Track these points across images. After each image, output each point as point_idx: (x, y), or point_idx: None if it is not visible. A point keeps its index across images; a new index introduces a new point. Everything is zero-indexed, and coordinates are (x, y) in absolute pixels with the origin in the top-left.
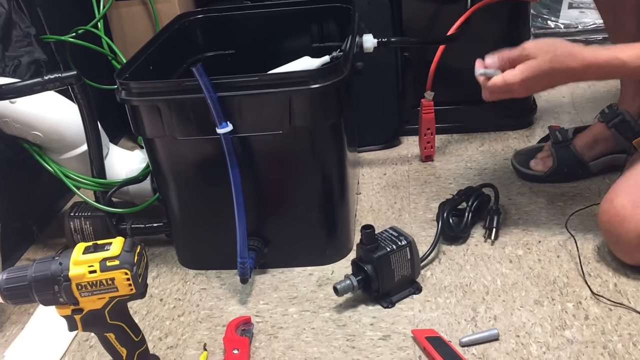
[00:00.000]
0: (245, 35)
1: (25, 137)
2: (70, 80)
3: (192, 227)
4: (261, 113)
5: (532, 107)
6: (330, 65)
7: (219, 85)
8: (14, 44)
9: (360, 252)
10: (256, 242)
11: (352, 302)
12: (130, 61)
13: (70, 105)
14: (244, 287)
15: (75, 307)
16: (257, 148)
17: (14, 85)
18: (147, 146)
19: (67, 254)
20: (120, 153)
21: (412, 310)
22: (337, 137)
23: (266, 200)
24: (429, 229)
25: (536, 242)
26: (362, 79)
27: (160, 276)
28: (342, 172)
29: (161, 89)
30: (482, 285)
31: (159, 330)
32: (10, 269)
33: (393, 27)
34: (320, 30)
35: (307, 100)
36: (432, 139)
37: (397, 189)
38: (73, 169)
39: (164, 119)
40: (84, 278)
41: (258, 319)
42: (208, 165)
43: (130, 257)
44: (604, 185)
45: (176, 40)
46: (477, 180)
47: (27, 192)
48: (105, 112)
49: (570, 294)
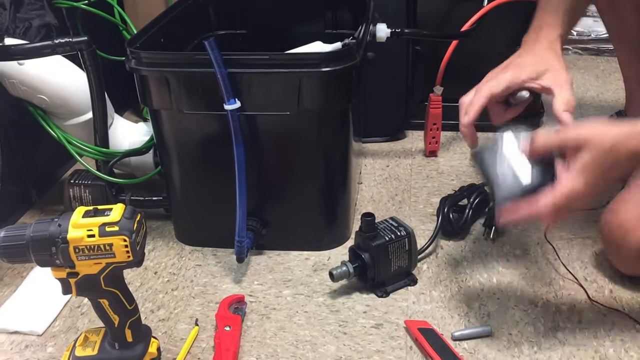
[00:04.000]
0: (258, 16)
1: (31, 100)
2: (80, 45)
3: (191, 203)
4: (270, 92)
5: (539, 110)
6: (343, 50)
7: (229, 62)
8: (26, 6)
9: (358, 240)
10: (255, 223)
11: (346, 289)
12: (142, 31)
13: (78, 71)
14: (239, 267)
15: (71, 271)
16: (263, 128)
17: (24, 46)
18: (152, 118)
19: (66, 217)
20: (125, 124)
21: (406, 302)
22: (344, 123)
23: (268, 181)
24: (428, 223)
25: (534, 243)
26: (372, 70)
27: (156, 250)
28: (345, 158)
29: (171, 60)
30: (477, 282)
31: (152, 303)
32: (9, 227)
33: (407, 20)
34: (334, 16)
35: (317, 83)
36: (437, 134)
37: (398, 181)
38: (76, 136)
39: (172, 91)
40: (82, 242)
41: (251, 298)
42: (212, 142)
43: (130, 224)
44: (606, 194)
45: (189, 15)
46: (480, 178)
47: (28, 156)
48: (112, 83)
49: (565, 297)
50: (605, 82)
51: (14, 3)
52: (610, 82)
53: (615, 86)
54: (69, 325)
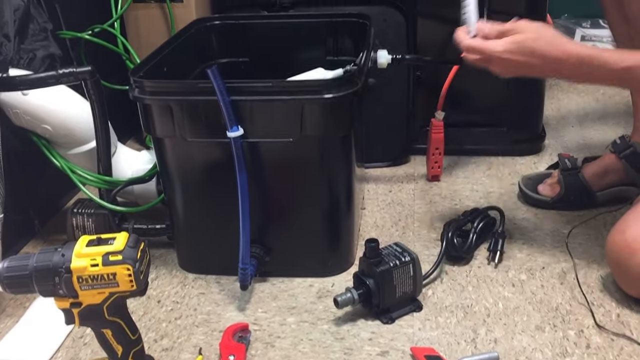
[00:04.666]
0: (260, 44)
1: (34, 130)
2: (84, 75)
3: (194, 230)
4: (273, 119)
5: (541, 134)
6: (344, 77)
7: (232, 89)
8: (30, 37)
9: (363, 266)
10: (258, 250)
11: (351, 316)
12: (145, 60)
13: (81, 101)
14: (242, 294)
15: (74, 301)
16: (266, 154)
17: (28, 76)
18: (156, 146)
19: (70, 246)
20: (128, 152)
21: (412, 328)
22: (346, 149)
23: (271, 207)
24: (432, 248)
25: (540, 267)
26: (374, 96)
27: (159, 278)
28: (348, 184)
29: (174, 89)
30: (483, 308)
31: (155, 332)
32: (12, 258)
33: (407, 46)
34: (335, 43)
35: (320, 109)
36: (440, 159)
37: (402, 206)
38: (80, 164)
39: (175, 119)
40: (86, 271)
41: (256, 326)
42: (215, 169)
43: (134, 252)
44: (610, 216)
45: (191, 44)
46: (483, 202)
47: (31, 186)
48: (114, 112)
49: (572, 322)
50: (606, 105)
51: (18, 34)
52: (611, 105)
53: (616, 110)
54: (72, 356)
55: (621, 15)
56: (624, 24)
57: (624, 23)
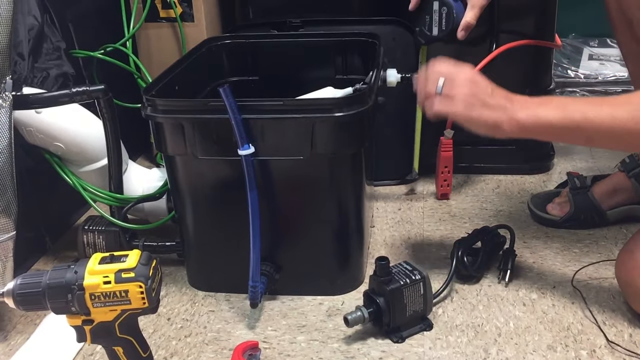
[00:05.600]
0: (270, 62)
1: (47, 148)
2: (97, 94)
3: (204, 248)
4: (283, 138)
5: (549, 152)
6: (355, 95)
7: (244, 108)
8: (44, 56)
9: (373, 284)
10: (268, 267)
11: (361, 335)
12: (157, 79)
13: (93, 119)
14: (252, 312)
15: (86, 318)
16: (276, 172)
17: (42, 95)
18: (167, 164)
19: (83, 263)
20: (138, 170)
21: (423, 347)
22: (356, 167)
23: (281, 225)
24: (441, 267)
25: (550, 287)
26: (383, 114)
27: (169, 295)
28: (359, 202)
29: (186, 107)
30: (494, 327)
31: (165, 350)
32: (25, 275)
33: (417, 64)
34: (344, 62)
35: (330, 127)
36: (449, 177)
37: (411, 224)
38: (91, 182)
39: (187, 138)
40: (98, 288)
41: (265, 345)
42: (226, 187)
43: (146, 270)
44: (621, 234)
45: (202, 63)
46: (492, 221)
47: (43, 203)
48: (125, 130)
49: (584, 342)
50: None
51: (32, 53)
52: None
53: None
54: None
55: (630, 34)
56: (633, 43)
57: (634, 43)
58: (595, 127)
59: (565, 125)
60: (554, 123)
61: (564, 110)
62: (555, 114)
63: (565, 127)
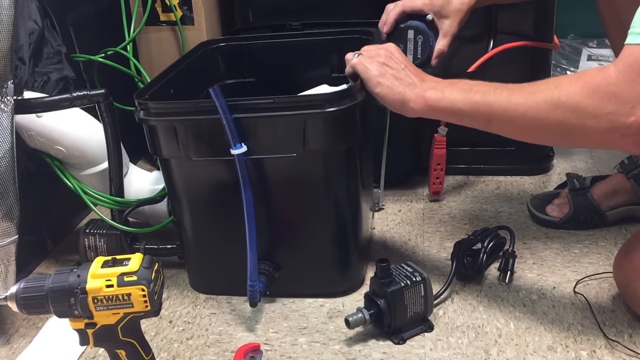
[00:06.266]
0: (265, 63)
1: (48, 152)
2: (97, 98)
3: (203, 250)
4: (276, 135)
5: (549, 154)
6: (345, 90)
7: (235, 107)
8: (45, 60)
9: (374, 286)
10: (267, 267)
11: (362, 336)
12: (151, 83)
13: (94, 123)
14: (254, 315)
15: (89, 321)
16: (270, 171)
17: (43, 99)
18: (163, 167)
19: (85, 267)
20: (139, 173)
21: (423, 349)
22: (351, 164)
23: (279, 224)
24: (442, 268)
25: (551, 287)
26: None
27: (171, 298)
28: (355, 200)
29: (178, 109)
30: (495, 328)
31: (167, 352)
32: (28, 279)
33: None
34: (339, 60)
35: (322, 123)
36: (441, 175)
37: (411, 226)
38: (92, 185)
39: (180, 140)
40: (101, 292)
41: (267, 347)
42: (222, 188)
43: (148, 273)
44: (620, 235)
45: (198, 66)
46: (493, 222)
47: (44, 206)
48: (126, 132)
49: (584, 342)
50: None
51: (33, 57)
52: None
53: None
54: None
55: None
56: None
57: None
58: (493, 110)
59: (467, 106)
60: (456, 103)
61: (468, 91)
62: (459, 95)
63: (466, 108)
